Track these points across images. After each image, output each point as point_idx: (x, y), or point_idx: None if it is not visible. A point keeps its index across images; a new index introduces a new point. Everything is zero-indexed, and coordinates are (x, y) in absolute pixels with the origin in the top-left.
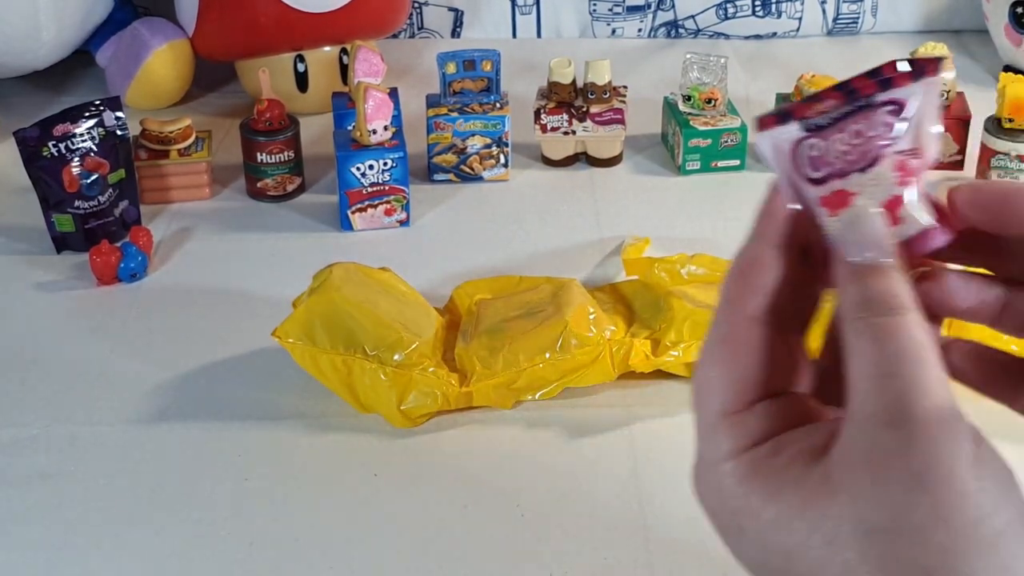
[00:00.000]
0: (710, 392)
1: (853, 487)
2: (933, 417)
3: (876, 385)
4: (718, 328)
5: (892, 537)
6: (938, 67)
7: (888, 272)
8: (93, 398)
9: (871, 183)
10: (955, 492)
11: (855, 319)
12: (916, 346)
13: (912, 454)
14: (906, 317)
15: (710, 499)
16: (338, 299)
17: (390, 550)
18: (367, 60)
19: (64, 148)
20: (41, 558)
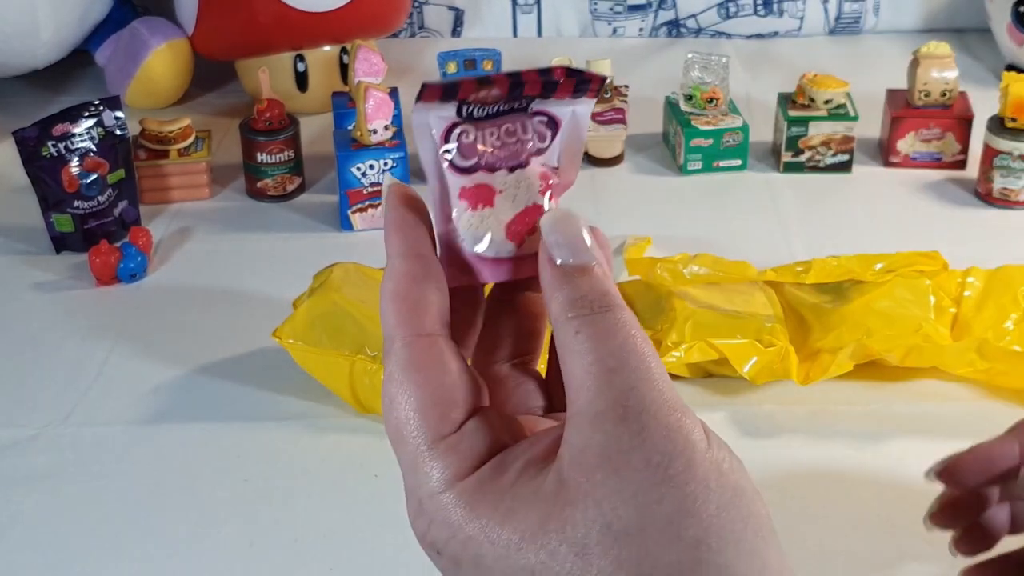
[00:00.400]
0: (409, 422)
1: (594, 490)
2: (664, 408)
3: (602, 381)
4: (396, 355)
5: (643, 536)
6: (599, 88)
7: (595, 271)
8: (93, 398)
9: (515, 184)
10: (698, 481)
11: (570, 319)
12: (635, 340)
13: (649, 447)
14: (621, 313)
15: (437, 533)
16: (338, 299)
17: (391, 551)
18: (367, 59)
19: (63, 148)
20: (41, 558)
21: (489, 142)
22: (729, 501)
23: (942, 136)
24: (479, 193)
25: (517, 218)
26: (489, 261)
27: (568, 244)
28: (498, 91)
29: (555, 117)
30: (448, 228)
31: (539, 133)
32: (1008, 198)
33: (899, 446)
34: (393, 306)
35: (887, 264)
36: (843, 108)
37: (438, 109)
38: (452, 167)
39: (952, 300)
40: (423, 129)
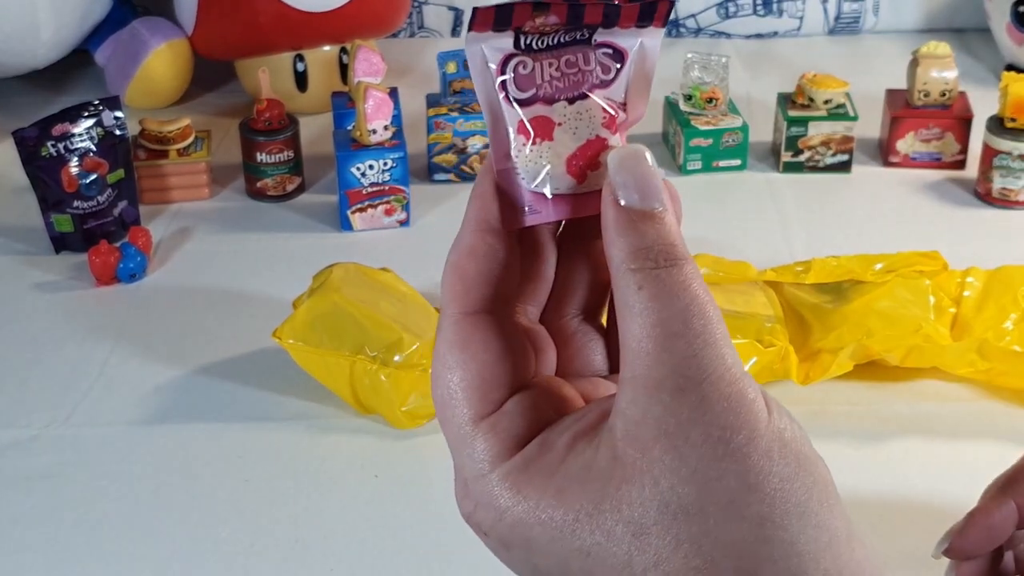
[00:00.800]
0: (454, 401)
1: (651, 467)
2: (726, 377)
3: (662, 347)
4: (444, 332)
5: (703, 515)
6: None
7: (664, 219)
8: (93, 398)
9: (576, 116)
10: (760, 455)
11: (632, 271)
12: (701, 302)
13: (709, 421)
14: (688, 269)
15: (483, 515)
16: (338, 300)
17: (391, 551)
18: (367, 59)
19: (63, 148)
20: (41, 559)
21: (547, 73)
22: (793, 473)
23: (942, 136)
24: (537, 126)
25: (578, 152)
26: (548, 199)
27: (636, 185)
28: (556, 18)
29: (621, 49)
30: (506, 166)
31: (603, 65)
32: (1008, 198)
33: (899, 446)
34: (449, 280)
35: (887, 264)
36: (843, 108)
37: (494, 39)
38: (508, 99)
39: (952, 300)
40: (478, 60)
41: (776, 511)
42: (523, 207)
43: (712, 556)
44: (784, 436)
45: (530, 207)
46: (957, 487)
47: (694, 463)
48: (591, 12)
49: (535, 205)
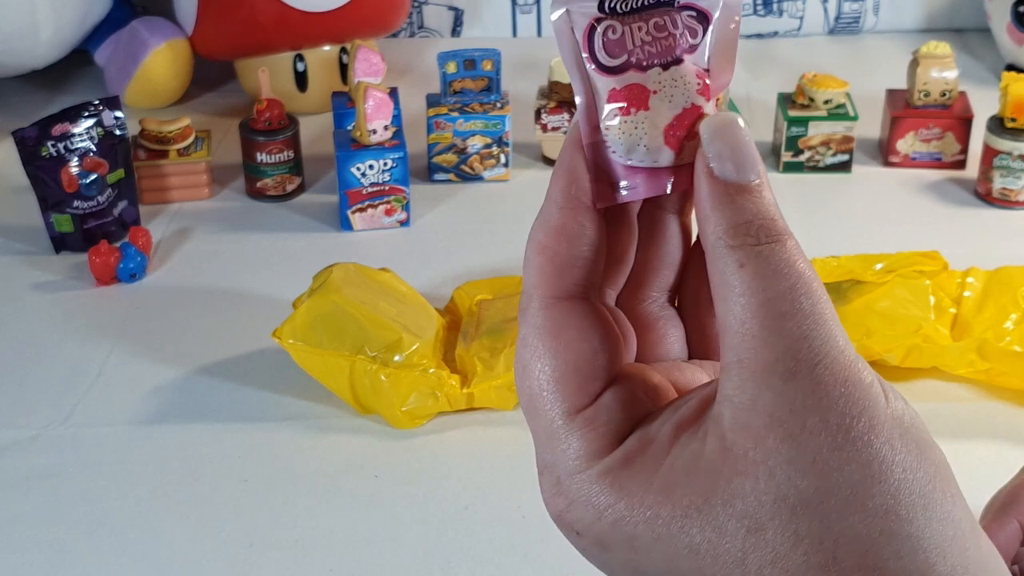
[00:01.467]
0: (543, 393)
1: (766, 458)
2: (840, 360)
3: (770, 329)
4: (533, 318)
5: (823, 508)
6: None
7: (762, 192)
8: (93, 398)
9: (672, 83)
10: (883, 442)
11: (731, 248)
12: (807, 279)
13: (826, 407)
14: (791, 245)
15: (579, 514)
16: (338, 300)
17: (391, 551)
18: (367, 59)
19: (63, 148)
20: (41, 558)
21: (638, 37)
22: (916, 461)
23: (942, 136)
24: (631, 94)
25: (675, 121)
26: (644, 172)
27: (732, 155)
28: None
29: (704, 10)
30: (597, 139)
31: (690, 28)
32: (1008, 198)
33: None
34: (537, 261)
35: (887, 264)
36: (843, 108)
37: (578, 3)
38: (599, 67)
39: (952, 300)
40: (563, 26)
41: (901, 503)
42: (617, 182)
43: (835, 552)
44: (904, 422)
45: (625, 182)
46: None
47: (812, 452)
48: None
49: (630, 180)
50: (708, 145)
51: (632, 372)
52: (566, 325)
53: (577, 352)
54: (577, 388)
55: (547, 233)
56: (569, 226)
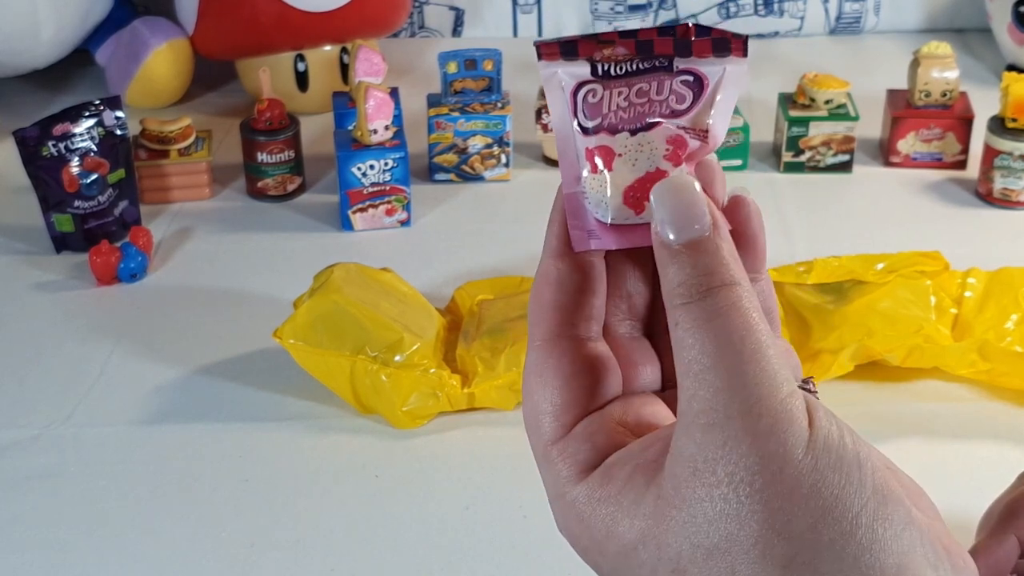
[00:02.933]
0: (533, 425)
1: (684, 505)
2: (754, 410)
3: (697, 381)
4: (527, 359)
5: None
6: (744, 47)
7: (704, 246)
8: (93, 398)
9: (637, 148)
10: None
11: (674, 307)
12: (736, 327)
13: (735, 460)
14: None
15: (567, 533)
16: (339, 300)
17: (391, 551)
18: (368, 59)
19: (64, 148)
20: (41, 558)
21: (615, 102)
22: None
23: (943, 136)
24: (600, 155)
25: (636, 183)
26: (610, 227)
27: (673, 219)
28: (624, 50)
29: (701, 75)
30: (576, 189)
31: (678, 94)
32: (1009, 198)
33: (899, 446)
34: (530, 308)
35: (888, 264)
36: (844, 108)
37: (570, 66)
38: (579, 126)
39: (953, 301)
40: (554, 85)
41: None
42: (592, 231)
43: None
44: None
45: (593, 232)
46: (958, 487)
47: (720, 504)
48: (661, 44)
49: (598, 231)
50: (654, 211)
51: (611, 406)
52: (547, 365)
53: (553, 388)
54: (553, 420)
55: (538, 281)
56: (550, 272)
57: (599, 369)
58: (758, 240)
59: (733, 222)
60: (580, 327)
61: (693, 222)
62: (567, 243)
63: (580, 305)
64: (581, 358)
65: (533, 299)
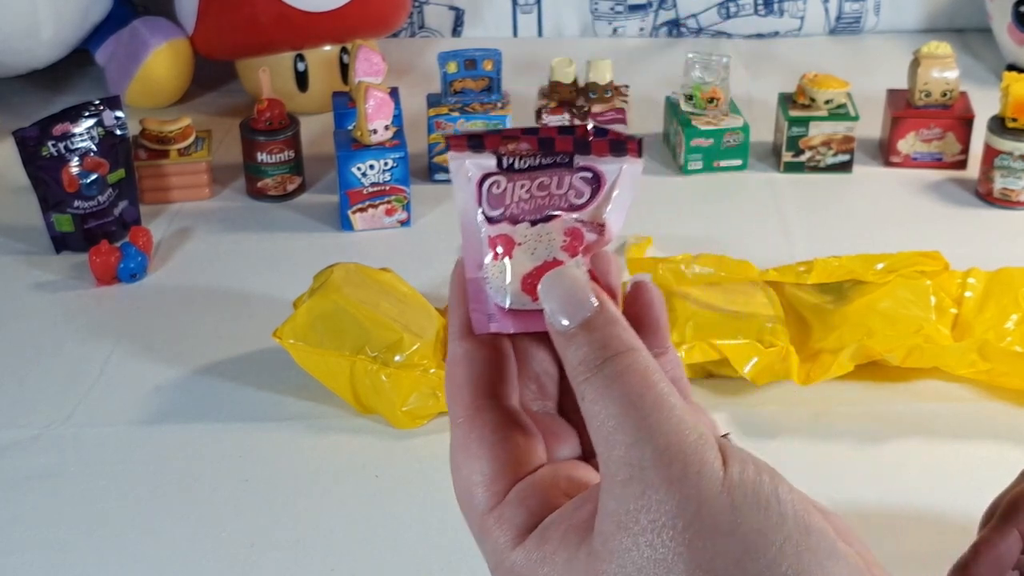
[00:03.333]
0: (467, 496)
1: (612, 557)
2: (664, 458)
3: (609, 443)
4: (452, 437)
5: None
6: (640, 149)
7: (593, 323)
8: (93, 398)
9: (536, 238)
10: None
11: (577, 384)
12: (635, 387)
13: (654, 508)
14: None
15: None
16: (339, 300)
17: (391, 551)
18: (368, 59)
19: (63, 148)
20: (41, 559)
21: (517, 194)
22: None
23: (943, 136)
24: (501, 243)
25: (534, 271)
26: (510, 313)
27: (561, 306)
28: (528, 146)
29: (600, 173)
30: (477, 275)
31: (577, 189)
32: (1009, 198)
33: (899, 446)
34: (447, 390)
35: (888, 264)
36: (844, 108)
37: (478, 157)
38: (484, 216)
39: (953, 301)
40: (461, 174)
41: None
42: (492, 315)
43: None
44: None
45: (493, 316)
46: (958, 487)
47: (647, 551)
48: (562, 142)
49: (497, 315)
50: (543, 303)
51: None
52: (470, 438)
53: (482, 459)
54: (485, 490)
55: (450, 362)
56: (458, 354)
57: (524, 435)
58: (660, 321)
59: (636, 306)
60: (498, 398)
61: (580, 305)
62: (469, 326)
63: (494, 378)
64: (505, 426)
65: (448, 381)
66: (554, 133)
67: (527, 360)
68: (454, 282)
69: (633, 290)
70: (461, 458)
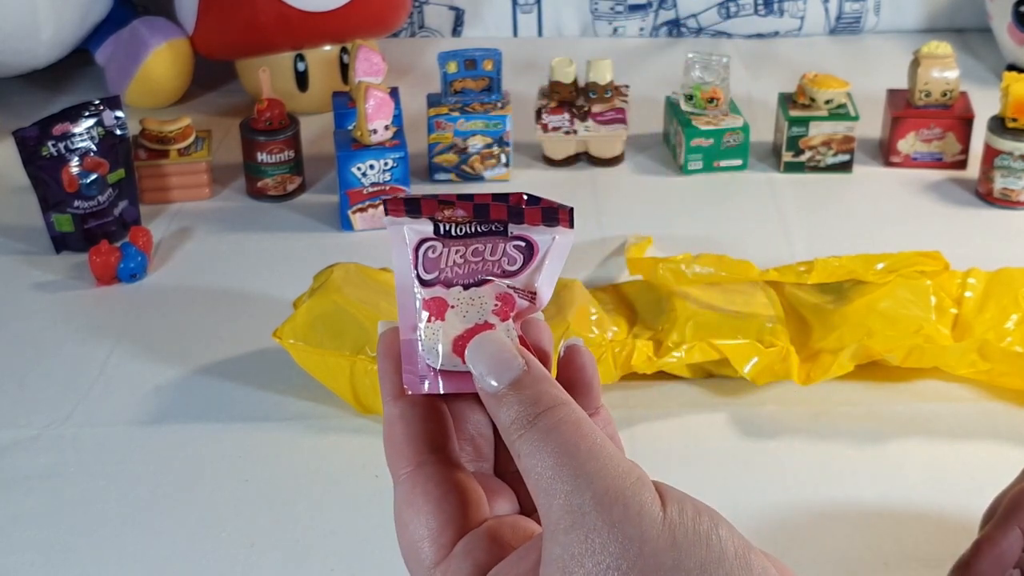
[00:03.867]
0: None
1: None
2: (603, 503)
3: (548, 494)
4: (395, 493)
5: None
6: (571, 219)
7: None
8: (93, 398)
9: (469, 302)
10: (655, 566)
11: (511, 443)
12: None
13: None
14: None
15: None
16: (339, 300)
17: (391, 551)
18: (368, 59)
19: (63, 148)
20: (41, 559)
21: (452, 259)
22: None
23: (943, 136)
24: (434, 306)
25: (465, 334)
26: (441, 373)
27: (488, 369)
28: (463, 212)
29: (533, 242)
30: (412, 336)
31: (510, 256)
32: (1009, 198)
33: (900, 446)
34: (387, 450)
35: (888, 264)
36: (844, 108)
37: (416, 223)
38: (418, 279)
39: (953, 301)
40: (399, 239)
41: None
42: (424, 376)
43: None
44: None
45: (424, 377)
46: (957, 487)
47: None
48: (496, 209)
49: (428, 376)
50: (471, 367)
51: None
52: (414, 493)
53: (426, 514)
54: (431, 543)
55: (386, 424)
56: (392, 414)
57: (467, 489)
58: (593, 384)
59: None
60: (439, 452)
61: (507, 366)
62: (401, 386)
63: (433, 434)
64: (448, 481)
65: (386, 442)
66: (489, 200)
67: (462, 422)
68: (383, 346)
69: (567, 354)
70: (407, 514)
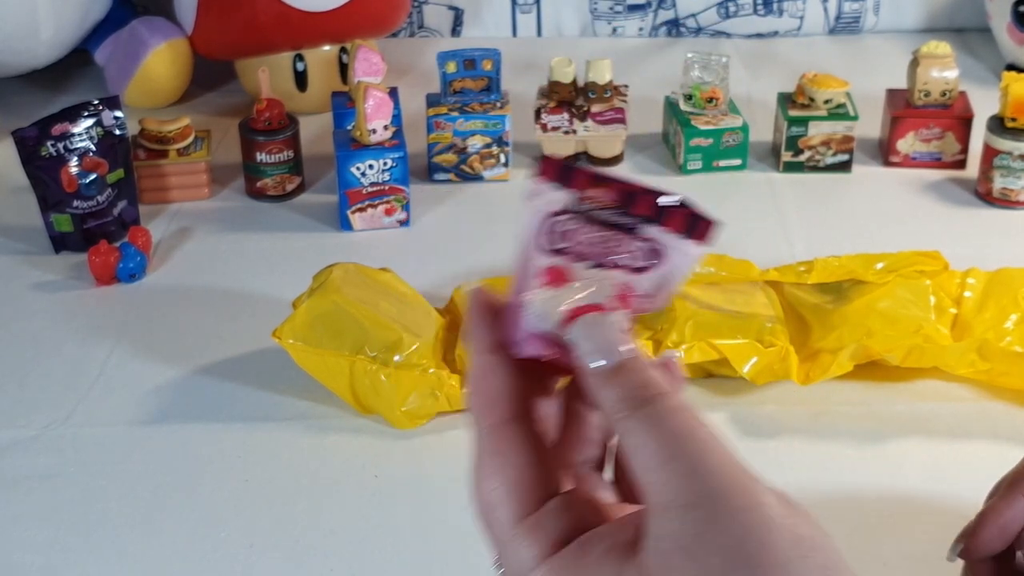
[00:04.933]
0: (495, 504)
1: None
2: (730, 488)
3: (663, 474)
4: (480, 443)
5: None
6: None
7: (630, 365)
8: (93, 398)
9: (592, 279)
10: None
11: (620, 420)
12: (686, 424)
13: (720, 530)
14: (666, 400)
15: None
16: (338, 300)
17: (391, 551)
18: (367, 59)
19: (62, 148)
20: (41, 559)
21: (587, 237)
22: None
23: (942, 136)
24: (555, 275)
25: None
26: (542, 340)
27: (598, 348)
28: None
29: (664, 248)
30: (519, 299)
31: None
32: (1008, 198)
33: (900, 446)
34: (473, 399)
35: (888, 264)
36: (843, 108)
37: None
38: (544, 246)
39: (952, 300)
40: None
41: None
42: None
43: None
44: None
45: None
46: (957, 487)
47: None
48: (642, 203)
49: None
50: (578, 345)
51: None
52: (507, 445)
53: (517, 467)
54: (520, 497)
55: (475, 375)
56: (488, 366)
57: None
58: None
59: None
60: (530, 413)
61: (617, 347)
62: (499, 343)
63: (525, 393)
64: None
65: (475, 391)
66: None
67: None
68: (476, 302)
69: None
70: (495, 464)
